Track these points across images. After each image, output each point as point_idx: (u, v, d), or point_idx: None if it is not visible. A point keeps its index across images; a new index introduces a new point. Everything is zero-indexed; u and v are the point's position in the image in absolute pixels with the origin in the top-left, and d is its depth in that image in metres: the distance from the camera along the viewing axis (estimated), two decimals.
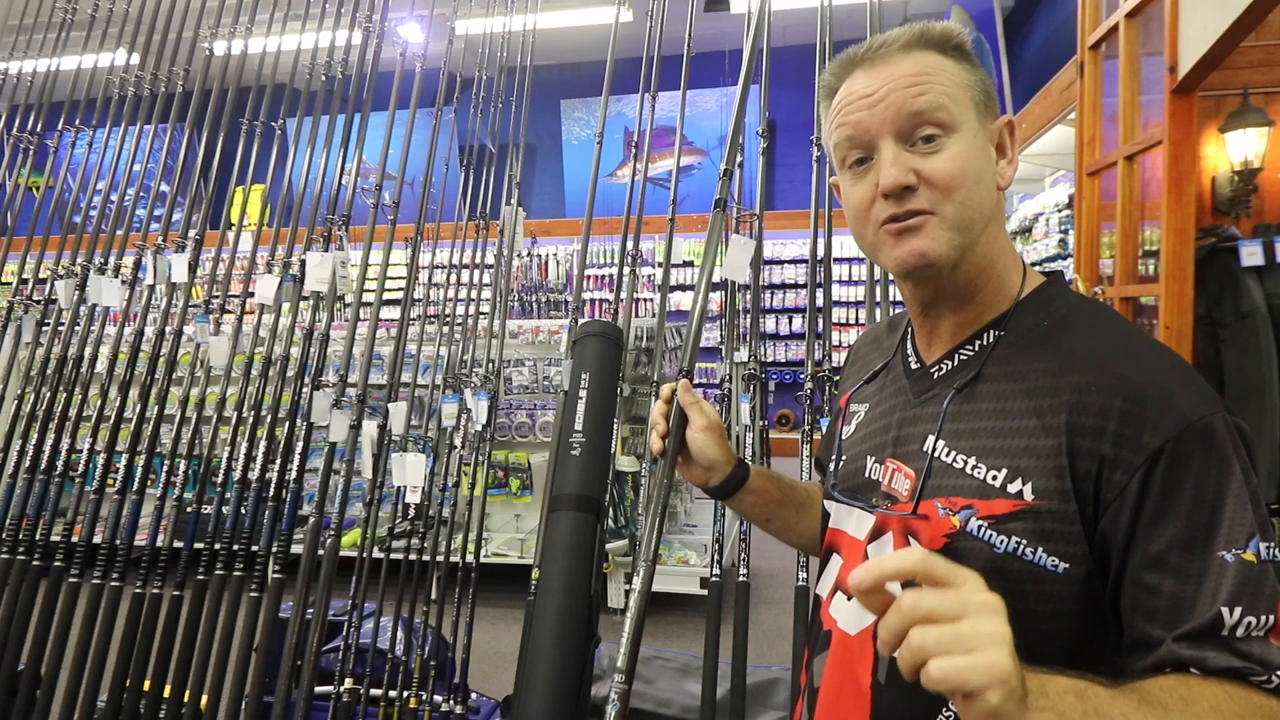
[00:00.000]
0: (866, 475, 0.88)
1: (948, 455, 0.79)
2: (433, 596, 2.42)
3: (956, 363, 0.83)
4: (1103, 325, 0.78)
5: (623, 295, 2.25)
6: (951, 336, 0.84)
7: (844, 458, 0.93)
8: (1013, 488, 0.73)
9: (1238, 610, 0.64)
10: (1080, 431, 0.71)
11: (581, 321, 1.53)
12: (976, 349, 0.81)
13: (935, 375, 0.84)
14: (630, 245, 2.29)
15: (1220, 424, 0.68)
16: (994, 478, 0.75)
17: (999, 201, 0.82)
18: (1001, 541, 0.73)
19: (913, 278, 0.82)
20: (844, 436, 0.95)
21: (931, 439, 0.80)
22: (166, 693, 2.06)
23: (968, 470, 0.77)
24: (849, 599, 0.86)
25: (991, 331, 0.81)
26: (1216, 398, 0.71)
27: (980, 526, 0.74)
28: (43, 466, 2.38)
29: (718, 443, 0.98)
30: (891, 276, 0.91)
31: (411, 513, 2.56)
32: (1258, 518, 0.66)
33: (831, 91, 0.85)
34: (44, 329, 2.55)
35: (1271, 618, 0.64)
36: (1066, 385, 0.73)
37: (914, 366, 0.88)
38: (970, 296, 0.82)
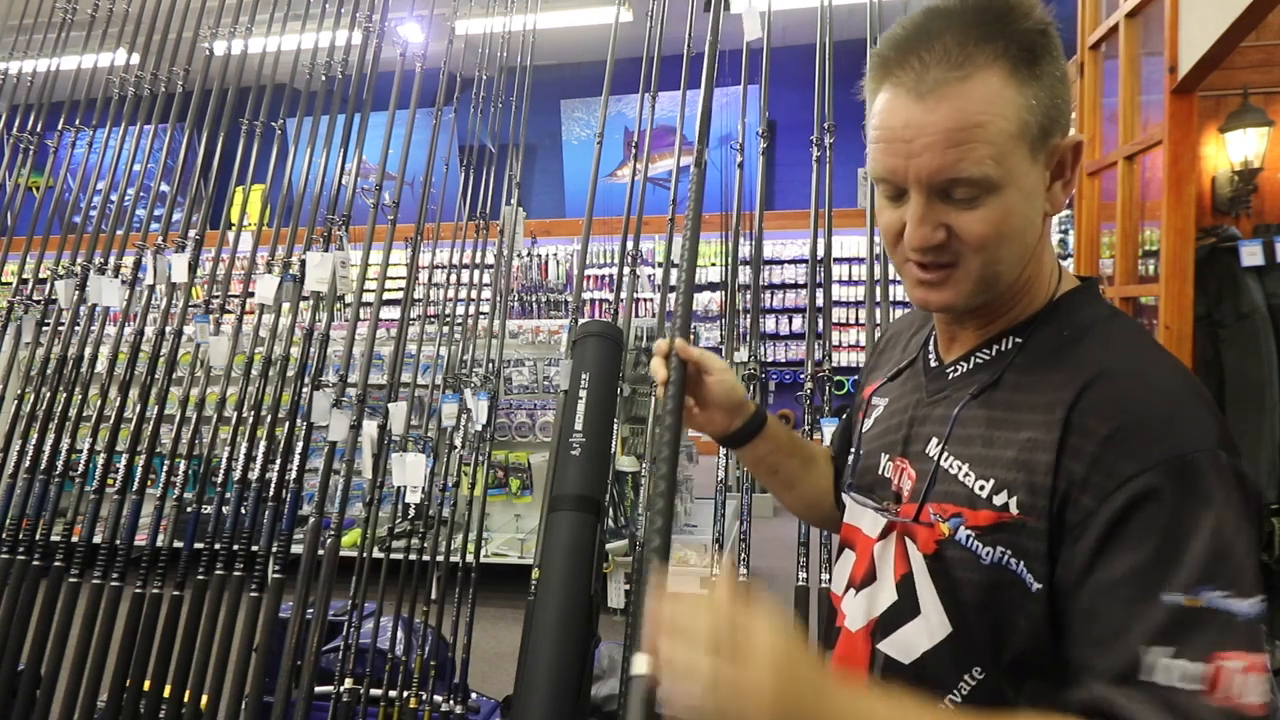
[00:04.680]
0: (879, 473, 0.88)
1: (946, 460, 0.78)
2: (433, 596, 2.42)
3: (972, 365, 0.81)
4: (1120, 343, 0.74)
5: (623, 295, 2.25)
6: (972, 339, 0.83)
7: (861, 453, 0.93)
8: (998, 500, 0.72)
9: (1165, 651, 0.61)
10: (1070, 452, 0.68)
11: (581, 321, 1.53)
12: (994, 354, 0.80)
13: (950, 376, 0.83)
14: (630, 245, 2.29)
15: (1209, 463, 0.65)
16: (981, 488, 0.73)
17: (1044, 225, 0.77)
18: (987, 553, 0.72)
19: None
20: (864, 430, 0.94)
21: (935, 442, 0.80)
22: (166, 693, 2.06)
23: (960, 477, 0.76)
24: (856, 594, 0.86)
25: (1010, 338, 0.79)
26: (1219, 436, 0.67)
27: (968, 536, 0.74)
28: (43, 466, 2.38)
29: (737, 382, 1.00)
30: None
31: (411, 513, 2.56)
32: (1223, 566, 0.62)
33: (874, 85, 0.75)
34: (44, 329, 2.54)
35: (1202, 667, 0.60)
36: (1063, 402, 0.70)
37: (932, 365, 0.87)
38: (997, 313, 0.80)
